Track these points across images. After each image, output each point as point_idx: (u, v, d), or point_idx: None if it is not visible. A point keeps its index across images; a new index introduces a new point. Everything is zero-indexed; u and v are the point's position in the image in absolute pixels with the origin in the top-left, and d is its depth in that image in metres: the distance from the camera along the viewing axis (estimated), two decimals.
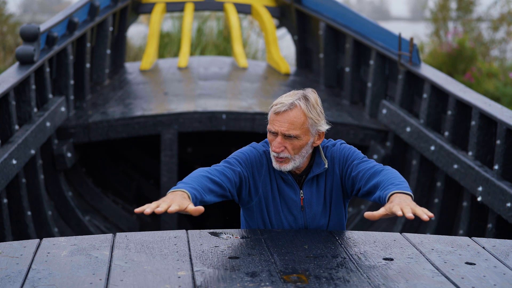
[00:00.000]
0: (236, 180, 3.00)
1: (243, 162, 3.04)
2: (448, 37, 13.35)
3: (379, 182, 2.93)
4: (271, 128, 2.99)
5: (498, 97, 10.79)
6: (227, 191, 2.97)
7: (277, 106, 2.97)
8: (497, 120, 4.82)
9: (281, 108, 2.96)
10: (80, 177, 6.74)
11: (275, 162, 3.02)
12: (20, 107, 5.50)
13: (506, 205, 4.55)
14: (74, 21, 6.44)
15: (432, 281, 2.57)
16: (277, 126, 2.97)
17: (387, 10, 48.71)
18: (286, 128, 2.96)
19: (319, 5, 7.78)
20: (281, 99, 3.00)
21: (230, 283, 2.49)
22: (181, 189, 2.80)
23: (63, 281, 2.50)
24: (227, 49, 12.10)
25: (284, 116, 2.96)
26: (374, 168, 3.01)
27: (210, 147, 7.83)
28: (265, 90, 7.53)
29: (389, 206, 2.74)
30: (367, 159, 3.08)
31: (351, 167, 3.05)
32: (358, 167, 3.04)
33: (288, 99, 2.97)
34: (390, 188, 2.85)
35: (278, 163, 3.01)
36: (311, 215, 3.07)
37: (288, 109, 2.96)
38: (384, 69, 6.80)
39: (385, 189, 2.87)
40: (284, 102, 2.97)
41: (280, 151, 2.98)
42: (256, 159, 3.06)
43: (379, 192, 2.90)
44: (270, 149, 3.04)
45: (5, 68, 11.11)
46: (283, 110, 2.96)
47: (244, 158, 3.05)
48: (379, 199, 2.89)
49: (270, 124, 3.00)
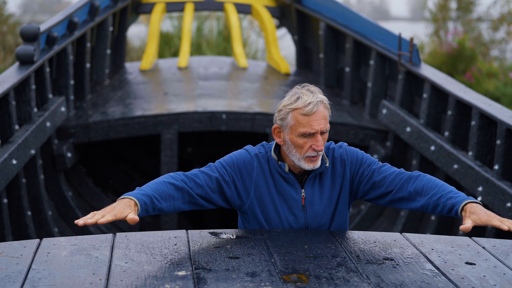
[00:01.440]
0: (212, 185, 2.99)
1: (228, 166, 3.02)
2: (448, 37, 13.35)
3: (427, 189, 2.95)
4: (309, 129, 2.94)
5: (498, 97, 10.78)
6: (197, 198, 2.97)
7: (309, 107, 2.93)
8: (497, 120, 4.82)
9: (314, 108, 2.93)
10: (80, 177, 6.74)
11: (307, 163, 2.99)
12: (20, 107, 5.50)
13: (506, 205, 4.55)
14: (74, 21, 6.44)
15: (432, 281, 2.57)
16: (317, 125, 2.94)
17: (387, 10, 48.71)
18: (324, 124, 2.96)
19: (319, 5, 7.78)
20: (304, 99, 2.94)
21: (230, 283, 2.49)
22: (128, 196, 2.83)
23: (63, 281, 2.49)
24: (227, 49, 12.10)
25: (319, 114, 2.94)
26: (404, 173, 3.03)
27: (210, 147, 7.83)
28: (265, 90, 7.53)
29: (484, 219, 2.77)
30: (381, 162, 3.10)
31: (371, 171, 3.05)
32: (381, 172, 3.04)
33: (312, 97, 2.95)
34: (454, 197, 2.88)
35: (312, 162, 2.99)
36: (312, 214, 3.07)
37: (319, 107, 2.95)
38: (384, 69, 6.80)
39: (449, 198, 2.88)
40: (313, 100, 2.94)
41: (323, 148, 2.99)
42: (246, 162, 3.04)
43: (438, 201, 2.91)
44: (292, 153, 3.00)
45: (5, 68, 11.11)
46: (316, 110, 2.94)
47: (230, 162, 3.04)
48: (442, 209, 2.90)
49: (304, 126, 2.94)
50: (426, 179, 2.98)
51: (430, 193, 2.93)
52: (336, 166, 3.09)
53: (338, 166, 3.09)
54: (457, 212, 2.83)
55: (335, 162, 3.09)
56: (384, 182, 3.03)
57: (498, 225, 2.74)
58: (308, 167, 3.00)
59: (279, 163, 3.05)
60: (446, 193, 2.90)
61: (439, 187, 2.93)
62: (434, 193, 2.92)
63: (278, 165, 3.05)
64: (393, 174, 3.03)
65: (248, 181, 3.04)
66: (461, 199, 2.85)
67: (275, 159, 3.06)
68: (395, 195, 3.02)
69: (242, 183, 3.04)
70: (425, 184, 2.96)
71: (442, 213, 2.90)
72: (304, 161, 2.99)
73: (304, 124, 2.95)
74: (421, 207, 2.97)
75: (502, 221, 2.76)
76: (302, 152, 2.98)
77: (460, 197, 2.86)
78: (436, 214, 2.95)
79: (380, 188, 3.05)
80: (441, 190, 2.92)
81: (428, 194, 2.93)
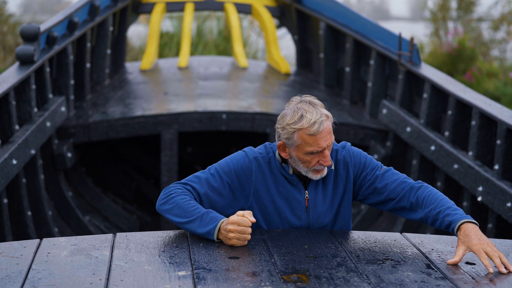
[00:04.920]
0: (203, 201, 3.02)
1: (224, 174, 3.01)
2: (448, 37, 13.35)
3: (427, 202, 2.94)
4: (316, 148, 2.93)
5: (498, 97, 10.78)
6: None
7: (316, 127, 2.90)
8: (497, 120, 4.82)
9: (320, 128, 2.90)
10: (80, 177, 6.74)
11: (315, 174, 2.99)
12: (20, 107, 5.50)
13: (506, 205, 4.55)
14: (74, 21, 6.44)
15: (432, 281, 2.57)
16: (324, 143, 2.93)
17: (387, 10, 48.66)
18: (330, 140, 2.95)
19: (319, 5, 7.78)
20: (307, 117, 2.91)
21: (230, 283, 2.49)
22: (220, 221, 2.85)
23: (63, 281, 2.50)
24: (227, 49, 12.10)
25: (324, 131, 2.93)
26: (407, 182, 3.02)
27: (210, 147, 7.83)
28: (265, 90, 7.53)
29: (475, 248, 2.73)
30: (385, 167, 3.10)
31: (374, 176, 3.05)
32: (384, 179, 3.05)
33: (315, 114, 2.91)
34: (452, 214, 2.86)
35: (319, 173, 3.00)
36: (315, 216, 3.07)
37: (324, 124, 2.93)
38: (384, 69, 6.80)
39: (447, 215, 2.87)
40: (318, 119, 2.91)
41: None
42: (243, 167, 3.03)
43: (437, 216, 2.89)
44: (300, 166, 2.99)
45: (5, 68, 11.11)
46: (322, 129, 2.92)
47: (227, 169, 3.02)
48: (440, 224, 2.89)
49: (311, 145, 2.92)
50: (427, 191, 2.98)
51: (430, 207, 2.93)
52: (339, 168, 3.08)
53: (341, 168, 3.08)
54: (454, 230, 2.83)
55: (338, 164, 3.09)
56: (386, 189, 3.03)
57: (485, 264, 2.69)
58: (316, 178, 3.01)
59: (283, 165, 3.04)
60: (444, 209, 2.90)
61: (439, 201, 2.93)
62: (433, 207, 2.92)
63: (282, 167, 3.04)
64: (396, 182, 3.03)
65: (247, 185, 3.03)
66: (458, 218, 2.84)
67: (279, 161, 3.05)
68: (397, 204, 3.03)
69: (241, 188, 3.03)
70: (426, 196, 2.96)
71: (440, 227, 2.91)
72: (311, 173, 3.00)
73: (311, 143, 2.93)
74: (420, 218, 2.99)
75: (491, 256, 2.70)
76: (309, 167, 2.98)
77: (457, 215, 2.85)
78: (435, 228, 2.96)
79: (381, 195, 3.05)
80: (440, 205, 2.92)
81: (428, 207, 2.94)
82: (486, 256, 2.71)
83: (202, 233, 2.87)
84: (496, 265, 2.69)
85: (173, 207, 2.92)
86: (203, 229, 2.86)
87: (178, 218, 2.91)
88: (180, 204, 2.91)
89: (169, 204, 2.93)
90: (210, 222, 2.85)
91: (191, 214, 2.89)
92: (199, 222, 2.87)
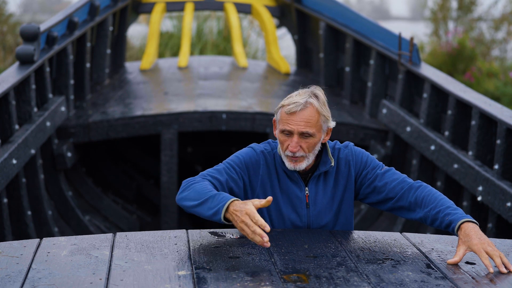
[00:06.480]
0: (223, 189, 2.99)
1: (236, 166, 3.03)
2: (448, 36, 13.35)
3: (426, 202, 2.95)
4: (286, 127, 2.97)
5: (498, 97, 10.78)
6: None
7: (290, 106, 2.96)
8: (497, 119, 4.82)
9: (296, 108, 2.95)
10: (80, 177, 6.74)
11: (289, 162, 3.01)
12: (20, 106, 5.50)
13: (506, 205, 4.55)
14: (74, 21, 6.44)
15: (432, 281, 2.57)
16: (294, 125, 2.96)
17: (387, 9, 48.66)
18: (303, 126, 2.96)
19: (319, 5, 7.78)
20: (293, 98, 2.99)
21: (230, 283, 2.49)
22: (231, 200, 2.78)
23: (63, 280, 2.50)
24: (227, 49, 12.10)
25: (300, 115, 2.96)
26: (406, 182, 3.03)
27: (210, 147, 7.83)
28: (265, 90, 7.53)
29: (476, 248, 2.72)
30: (386, 166, 3.11)
31: (375, 175, 3.07)
32: (384, 178, 3.06)
33: (301, 98, 2.97)
34: (452, 214, 2.86)
35: (292, 162, 3.01)
36: (315, 213, 3.08)
37: (303, 107, 2.96)
38: (384, 69, 6.80)
39: (447, 214, 2.87)
40: (298, 101, 2.96)
41: (296, 151, 2.98)
42: (252, 160, 3.06)
43: (437, 215, 2.90)
44: (280, 149, 3.04)
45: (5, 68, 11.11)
46: (299, 110, 2.96)
47: (237, 161, 3.05)
48: (440, 224, 2.89)
49: (284, 124, 2.98)
50: (426, 190, 2.99)
51: (429, 207, 2.94)
52: (340, 166, 3.10)
53: (343, 167, 3.10)
54: (454, 230, 2.83)
55: (340, 163, 3.10)
56: (385, 188, 3.05)
57: (486, 264, 2.69)
58: (289, 167, 3.02)
59: (283, 160, 3.06)
60: (444, 209, 2.90)
61: (438, 201, 2.94)
62: (433, 207, 2.93)
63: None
64: (395, 181, 3.04)
65: (255, 178, 3.06)
66: (458, 217, 2.84)
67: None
68: (396, 203, 3.04)
69: (250, 181, 3.06)
70: (425, 196, 2.97)
71: (440, 227, 2.91)
72: (286, 159, 3.02)
73: (283, 121, 2.99)
74: (419, 218, 2.99)
75: (492, 256, 2.70)
76: (283, 149, 3.02)
77: (457, 215, 2.85)
78: (434, 227, 2.96)
79: (380, 194, 3.06)
80: (439, 205, 2.92)
81: (427, 207, 2.94)
82: (487, 255, 2.71)
83: (210, 214, 2.81)
84: (497, 265, 2.69)
85: (190, 192, 2.90)
86: (212, 210, 2.81)
87: (191, 202, 2.87)
88: (196, 188, 2.89)
89: (187, 191, 2.92)
90: (221, 202, 2.81)
91: (204, 196, 2.84)
92: (210, 202, 2.82)
